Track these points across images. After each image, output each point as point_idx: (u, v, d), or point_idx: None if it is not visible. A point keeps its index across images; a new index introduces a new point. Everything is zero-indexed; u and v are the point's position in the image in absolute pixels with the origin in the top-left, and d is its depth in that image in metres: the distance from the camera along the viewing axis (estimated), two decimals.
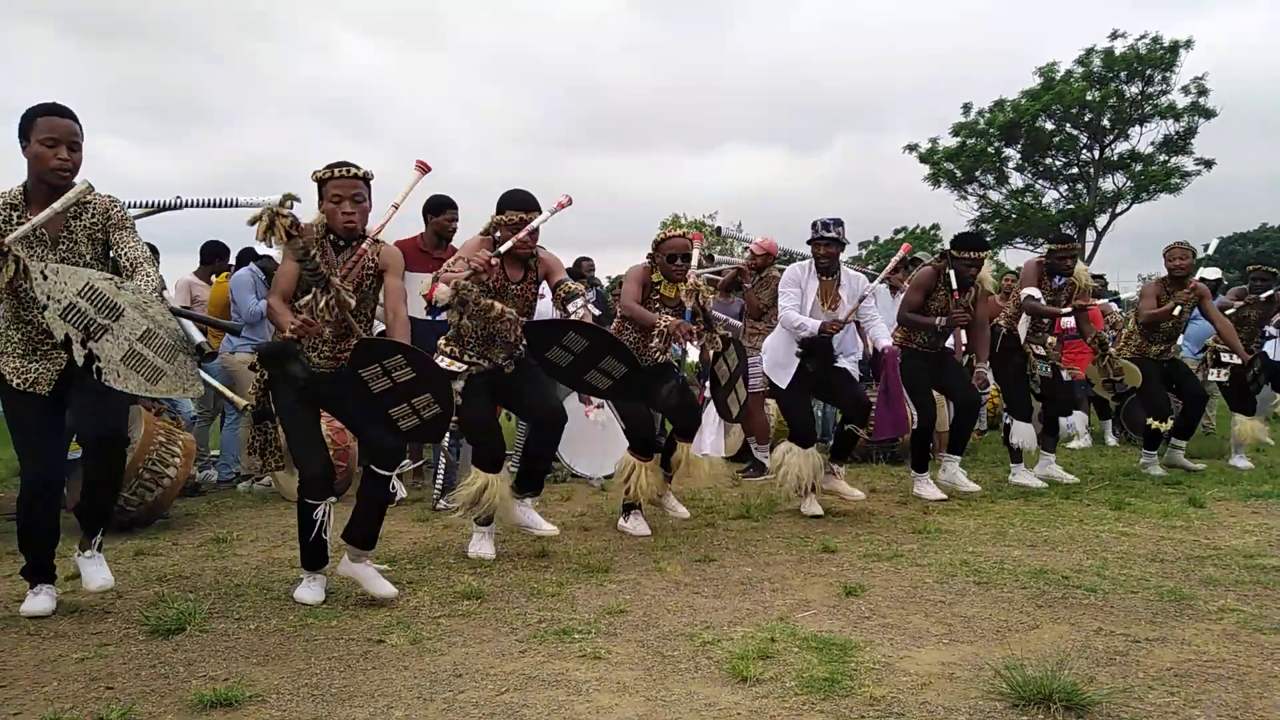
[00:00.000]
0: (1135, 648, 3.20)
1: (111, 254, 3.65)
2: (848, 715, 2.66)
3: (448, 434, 6.08)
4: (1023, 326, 6.68)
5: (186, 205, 5.90)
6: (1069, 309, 7.06)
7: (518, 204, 4.61)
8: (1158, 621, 3.49)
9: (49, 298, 3.30)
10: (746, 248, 7.11)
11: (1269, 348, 8.36)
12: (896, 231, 41.59)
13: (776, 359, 5.82)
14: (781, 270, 8.48)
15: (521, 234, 4.46)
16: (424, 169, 4.06)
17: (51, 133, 3.44)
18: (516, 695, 2.85)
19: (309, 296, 3.75)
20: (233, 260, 7.75)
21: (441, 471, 6.10)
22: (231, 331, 6.43)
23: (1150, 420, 7.16)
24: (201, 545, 5.04)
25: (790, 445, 5.74)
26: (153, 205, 5.89)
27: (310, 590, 3.94)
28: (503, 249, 4.45)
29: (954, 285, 6.07)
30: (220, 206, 5.82)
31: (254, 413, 3.96)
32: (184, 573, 4.42)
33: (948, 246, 6.25)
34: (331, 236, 3.85)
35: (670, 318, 4.98)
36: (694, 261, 5.24)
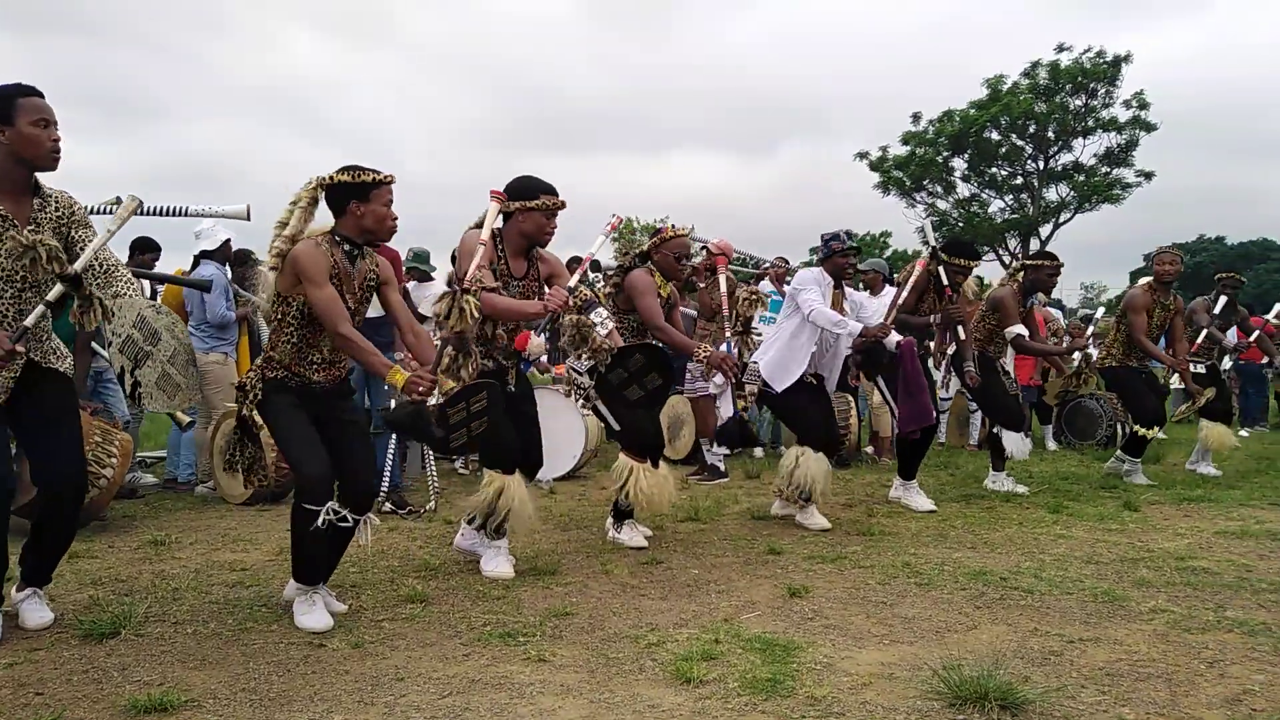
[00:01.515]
0: (1069, 648, 3.27)
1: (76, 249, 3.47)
2: (789, 715, 2.69)
3: (393, 433, 6.09)
4: (1010, 353, 6.76)
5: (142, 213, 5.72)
6: (1073, 351, 7.25)
7: (548, 189, 4.41)
8: (1091, 622, 3.57)
9: (112, 333, 3.28)
10: (703, 247, 7.15)
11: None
12: None
13: (780, 364, 5.60)
14: (739, 276, 8.58)
15: (584, 265, 4.76)
16: (501, 200, 4.08)
17: (42, 114, 3.29)
18: (459, 699, 2.83)
19: (448, 359, 3.69)
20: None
21: (388, 471, 6.04)
22: (201, 288, 6.27)
23: (1138, 427, 7.13)
24: (138, 548, 4.93)
25: (804, 449, 5.52)
26: (94, 210, 5.74)
27: (314, 614, 3.54)
28: (572, 282, 4.46)
29: (945, 284, 6.05)
30: (171, 215, 5.67)
31: (240, 432, 3.77)
32: (119, 576, 4.33)
33: (936, 247, 6.17)
34: (346, 247, 3.65)
35: (710, 349, 4.97)
36: (722, 273, 5.45)
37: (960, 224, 32.81)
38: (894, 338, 5.72)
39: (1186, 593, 4.00)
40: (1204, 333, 7.88)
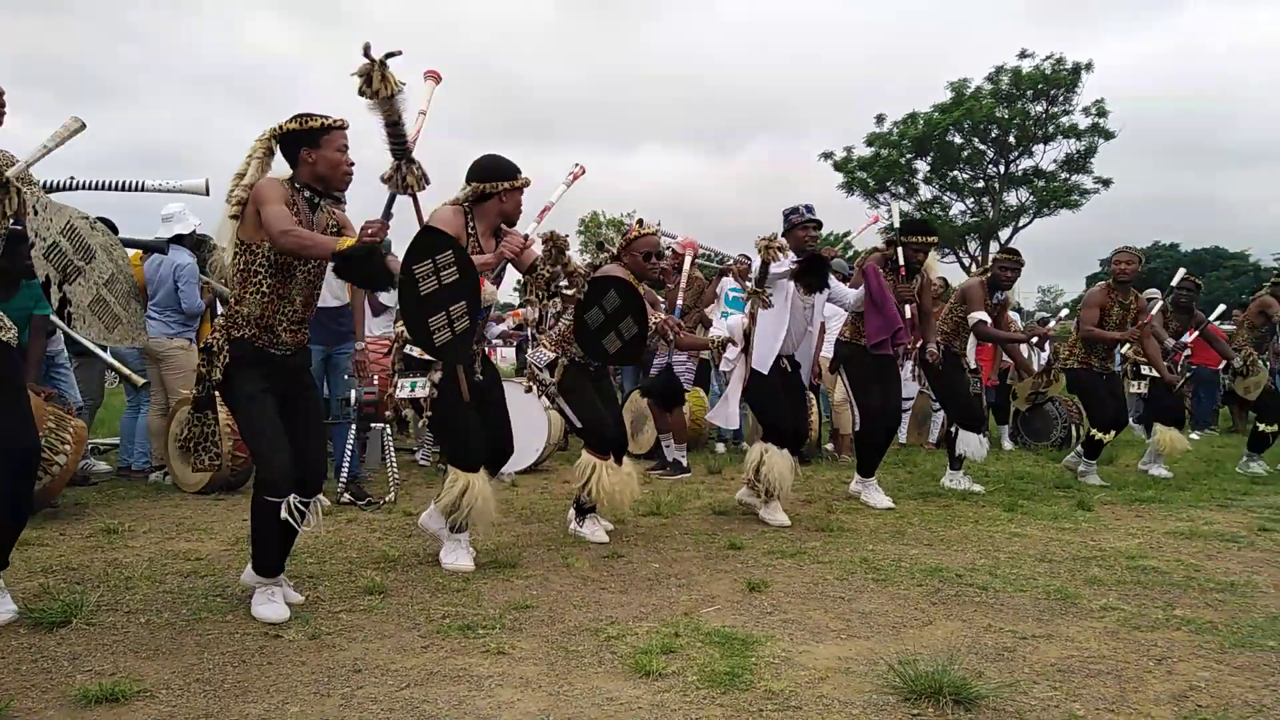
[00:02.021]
0: (1022, 644, 3.32)
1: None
2: (746, 709, 2.70)
3: (352, 424, 6.03)
4: (971, 348, 6.82)
5: (86, 187, 5.59)
6: (1032, 337, 7.34)
7: (517, 167, 4.42)
8: (1044, 619, 3.64)
9: (35, 234, 3.13)
10: (669, 246, 7.17)
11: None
12: None
13: (761, 350, 5.59)
14: (703, 270, 8.61)
15: (543, 212, 4.74)
16: (436, 78, 4.02)
17: None
18: (417, 691, 2.82)
19: (391, 171, 3.55)
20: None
21: (346, 461, 5.99)
22: (159, 250, 6.15)
23: (1094, 430, 7.21)
24: (91, 536, 4.85)
25: (767, 445, 5.56)
26: (48, 186, 5.60)
27: (272, 605, 3.50)
28: (527, 229, 4.53)
29: (901, 264, 6.11)
30: (127, 190, 5.55)
31: (195, 400, 3.64)
32: (71, 564, 4.25)
33: (896, 230, 6.29)
34: (307, 194, 3.56)
35: (661, 315, 4.99)
36: (687, 262, 5.61)
37: None
38: (855, 293, 5.88)
39: (1137, 591, 4.08)
40: (1154, 308, 8.01)
